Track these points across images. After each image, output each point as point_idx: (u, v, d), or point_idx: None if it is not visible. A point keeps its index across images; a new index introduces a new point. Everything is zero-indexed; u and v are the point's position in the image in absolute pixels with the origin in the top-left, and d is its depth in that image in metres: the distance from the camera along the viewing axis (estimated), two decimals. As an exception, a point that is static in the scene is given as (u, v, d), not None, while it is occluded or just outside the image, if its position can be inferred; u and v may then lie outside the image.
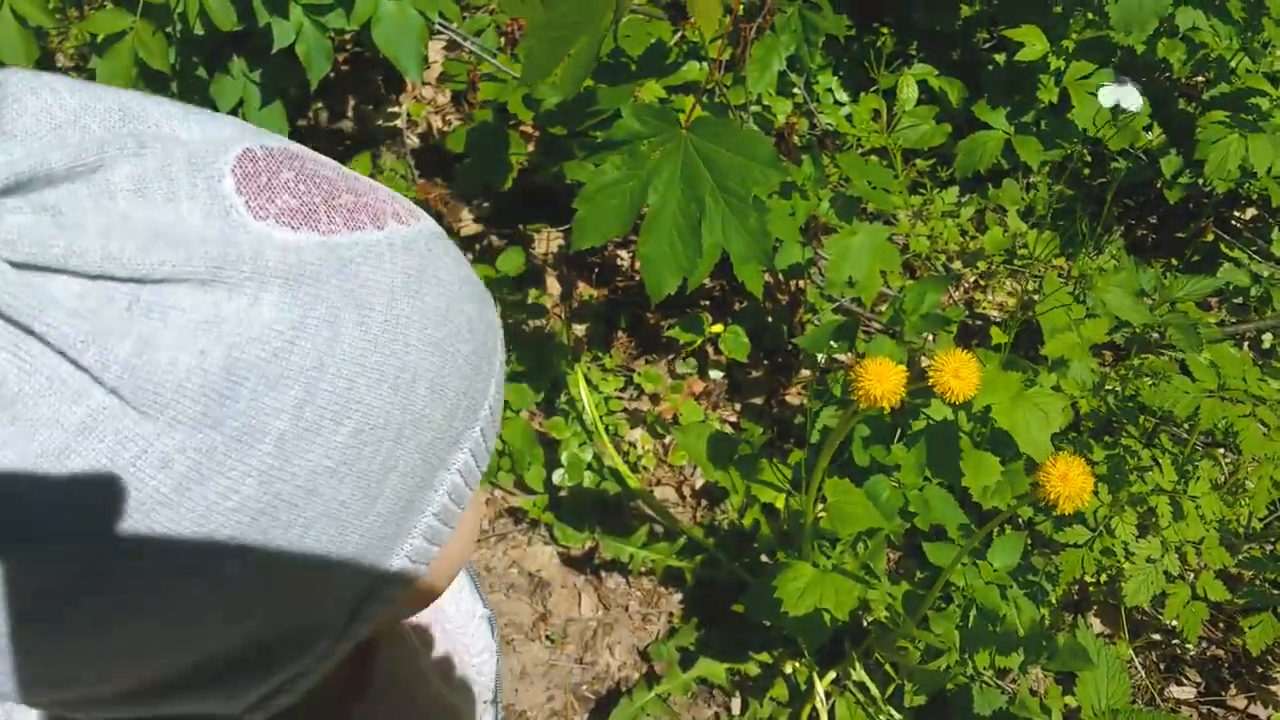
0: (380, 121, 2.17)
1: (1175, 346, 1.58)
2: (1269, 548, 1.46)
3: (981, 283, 1.94)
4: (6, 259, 0.32)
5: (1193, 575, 1.40)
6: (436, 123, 2.15)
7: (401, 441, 0.41)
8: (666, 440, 1.74)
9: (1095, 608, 1.58)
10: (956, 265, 1.95)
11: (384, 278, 0.40)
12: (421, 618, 0.76)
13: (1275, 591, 1.41)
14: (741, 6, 1.55)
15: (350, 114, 2.19)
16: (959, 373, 1.02)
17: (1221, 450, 1.55)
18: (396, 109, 2.18)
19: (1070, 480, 0.96)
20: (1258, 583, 1.44)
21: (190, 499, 0.35)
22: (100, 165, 0.35)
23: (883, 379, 1.00)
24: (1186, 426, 1.48)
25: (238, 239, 0.35)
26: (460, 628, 0.84)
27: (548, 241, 1.90)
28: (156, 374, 0.33)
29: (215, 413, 0.34)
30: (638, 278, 1.92)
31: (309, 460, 0.37)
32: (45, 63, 1.99)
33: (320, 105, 2.18)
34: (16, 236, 0.32)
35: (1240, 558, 1.42)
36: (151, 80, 1.51)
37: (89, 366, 0.32)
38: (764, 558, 1.59)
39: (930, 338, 1.63)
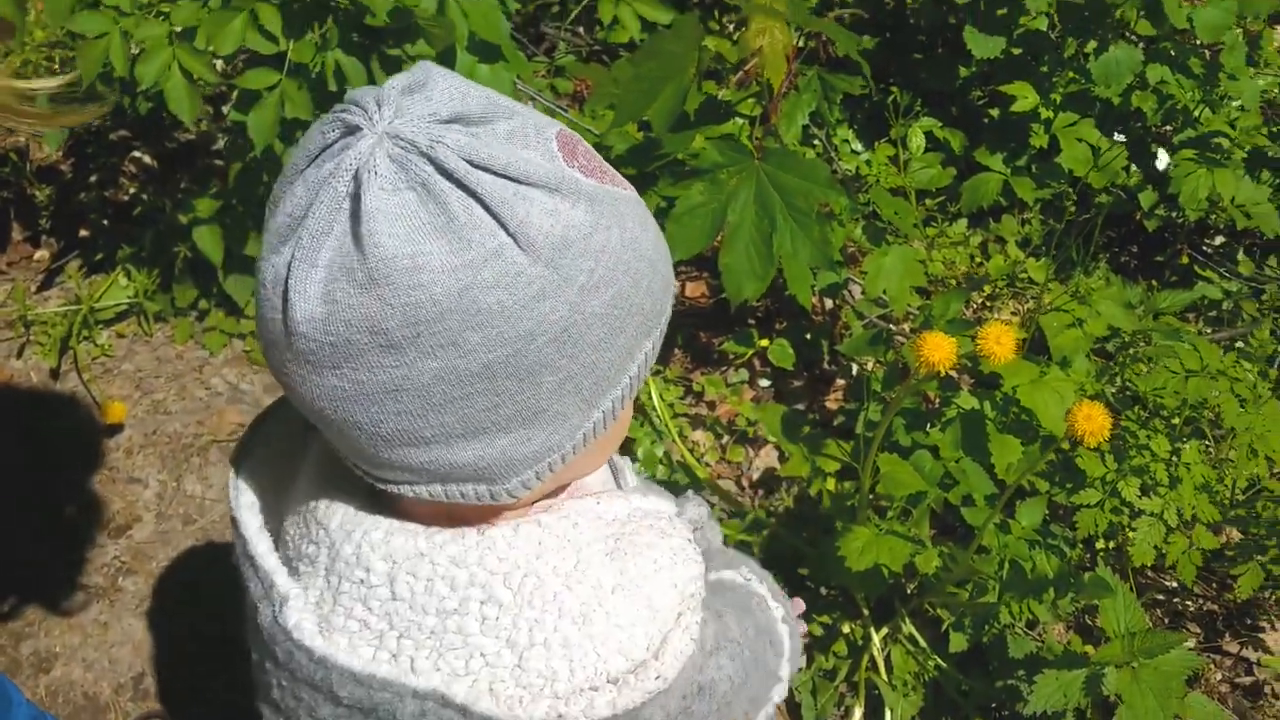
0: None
1: (1163, 351, 1.85)
2: (1251, 510, 1.71)
3: (988, 304, 2.20)
4: (460, 154, 0.59)
5: (1188, 530, 1.64)
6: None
7: (631, 311, 0.67)
8: (724, 440, 1.99)
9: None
10: (969, 292, 2.22)
11: (631, 212, 0.68)
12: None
13: (1259, 543, 1.67)
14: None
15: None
16: (1000, 339, 1.27)
17: (1205, 442, 1.81)
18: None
19: (1094, 419, 1.20)
20: (1244, 534, 1.70)
21: (537, 310, 0.62)
22: (489, 120, 0.63)
23: (939, 347, 1.26)
24: (1176, 415, 1.74)
25: (562, 172, 0.63)
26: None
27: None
28: (529, 229, 0.60)
29: (554, 260, 0.61)
30: (689, 302, 2.17)
31: (594, 303, 0.64)
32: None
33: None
34: (464, 143, 0.59)
35: (1229, 515, 1.67)
36: (288, 129, 1.76)
37: (502, 218, 0.59)
38: (819, 532, 1.82)
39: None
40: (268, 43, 1.66)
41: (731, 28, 2.52)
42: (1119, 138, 2.18)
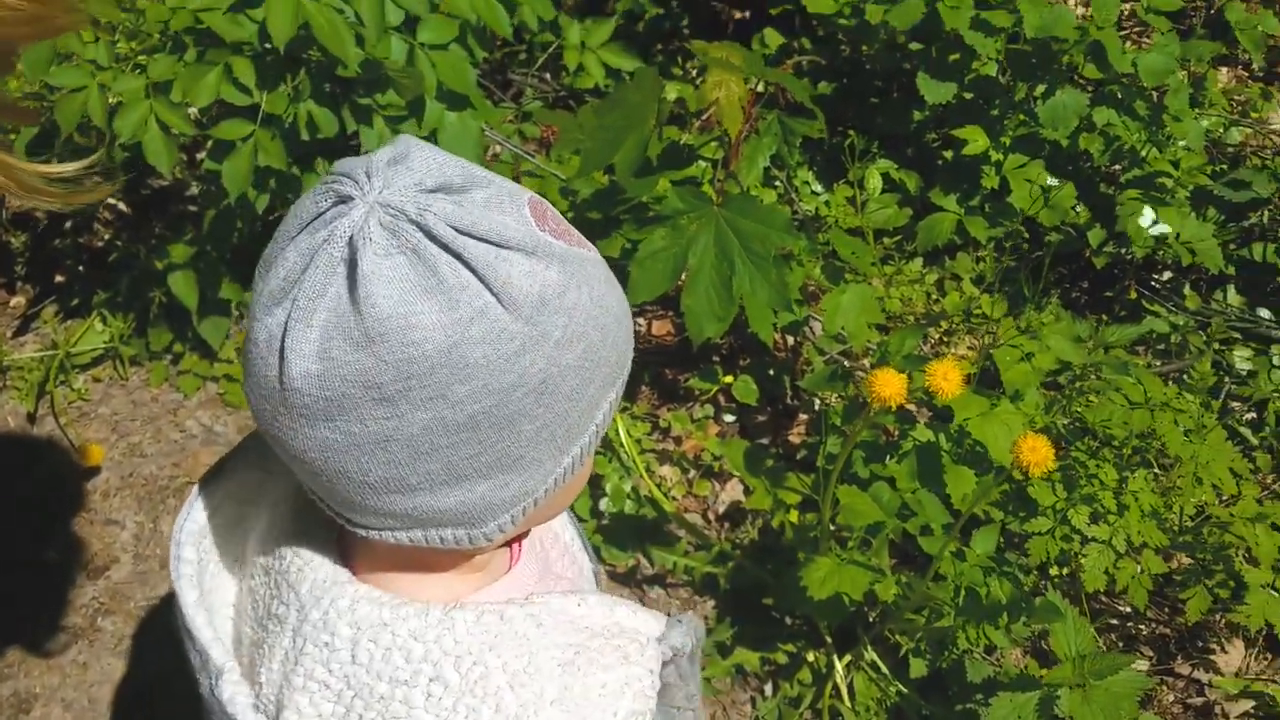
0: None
1: (1110, 384, 1.92)
2: (1199, 536, 1.78)
3: (945, 339, 2.27)
4: (445, 221, 0.64)
5: (1137, 556, 1.70)
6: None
7: (599, 363, 0.73)
8: (690, 475, 2.04)
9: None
10: (925, 328, 2.29)
11: (597, 272, 0.74)
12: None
13: (1206, 568, 1.73)
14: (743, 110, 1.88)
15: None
16: (947, 375, 1.33)
17: (1154, 471, 1.87)
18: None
19: (1038, 450, 1.27)
20: (1191, 559, 1.76)
21: (519, 364, 0.67)
22: (468, 188, 0.69)
23: (890, 383, 1.32)
24: (1124, 445, 1.81)
25: (536, 235, 0.68)
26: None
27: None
28: (511, 289, 0.66)
29: (533, 317, 0.67)
30: (655, 341, 2.23)
31: (567, 357, 0.70)
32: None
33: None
34: (449, 211, 0.65)
35: (1175, 541, 1.73)
36: (261, 177, 1.82)
37: (487, 280, 0.65)
38: (783, 564, 1.87)
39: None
40: (242, 95, 1.72)
41: (695, 73, 2.60)
42: (1052, 181, 2.26)
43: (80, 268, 2.26)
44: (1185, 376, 1.89)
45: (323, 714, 0.75)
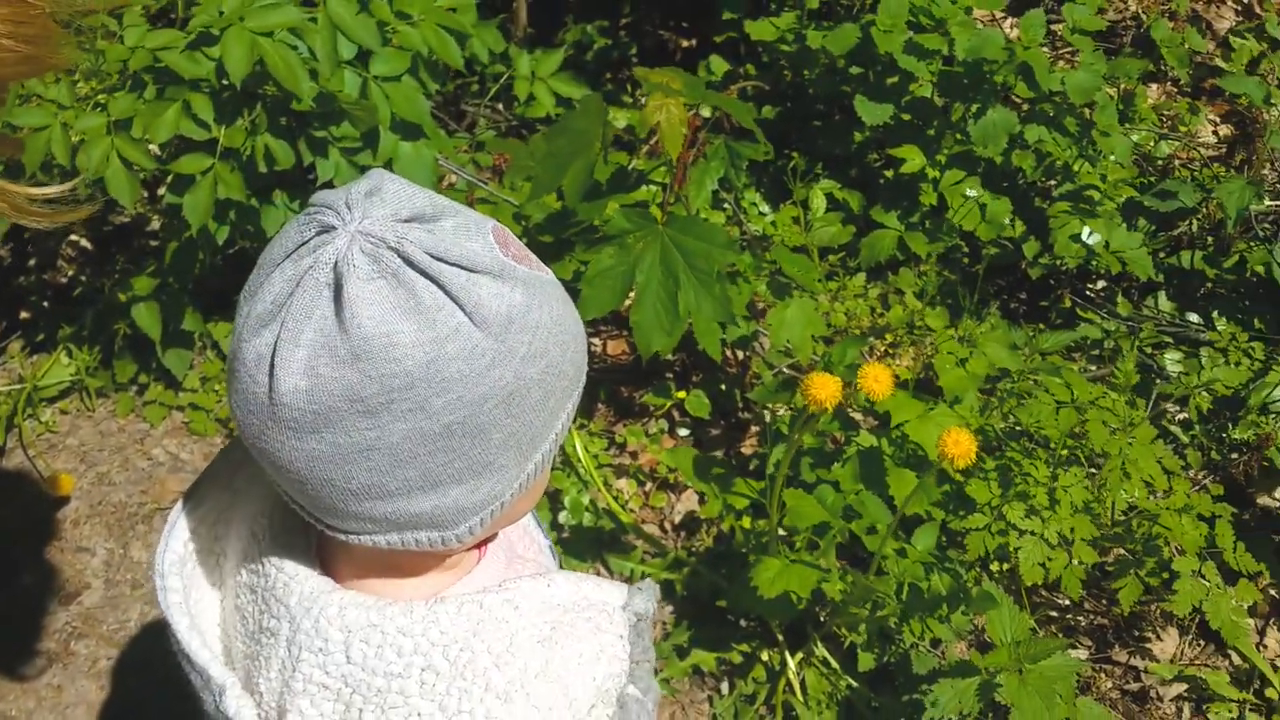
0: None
1: (1041, 386, 2.01)
2: (1128, 528, 1.86)
3: (890, 351, 2.36)
4: (421, 248, 0.71)
5: (1070, 547, 1.78)
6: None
7: (559, 376, 0.80)
8: (647, 487, 2.11)
9: (1002, 594, 1.96)
10: (870, 339, 2.37)
11: (555, 293, 0.81)
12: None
13: (1138, 559, 1.81)
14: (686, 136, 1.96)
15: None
16: (878, 378, 1.42)
17: (1090, 469, 1.96)
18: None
19: (961, 443, 1.35)
20: (1122, 551, 1.84)
21: (490, 378, 0.73)
22: (439, 218, 0.75)
23: (825, 386, 1.40)
24: (1056, 445, 1.89)
25: (501, 260, 0.75)
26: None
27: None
28: (482, 309, 0.72)
29: (502, 334, 0.74)
30: (610, 360, 2.30)
31: (532, 371, 0.76)
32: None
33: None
34: (424, 239, 0.71)
35: (1106, 534, 1.81)
36: (221, 209, 1.88)
37: (460, 300, 0.71)
38: (736, 567, 1.94)
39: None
40: (200, 129, 1.78)
41: (644, 100, 2.68)
42: (971, 193, 2.35)
43: (45, 303, 2.31)
44: (1112, 377, 1.98)
45: (324, 713, 0.81)
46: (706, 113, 2.20)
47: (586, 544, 1.99)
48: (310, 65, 1.78)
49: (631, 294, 1.75)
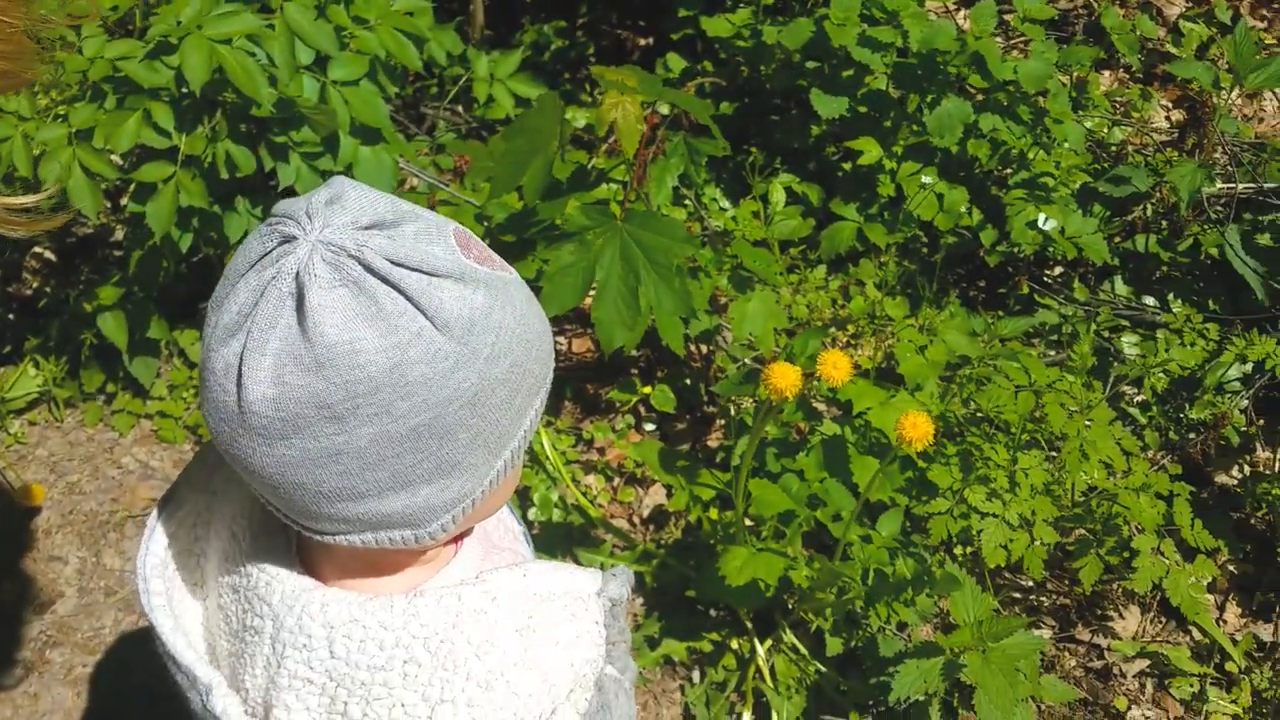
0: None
1: (1001, 371, 2.04)
2: (1088, 509, 1.90)
3: (852, 342, 2.39)
4: (381, 255, 0.72)
5: (1031, 528, 1.82)
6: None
7: (525, 374, 0.81)
8: (615, 482, 2.13)
9: (967, 577, 1.99)
10: (832, 330, 2.40)
11: (518, 292, 0.82)
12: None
13: (1098, 538, 1.85)
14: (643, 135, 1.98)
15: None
16: (837, 365, 1.44)
17: (1051, 452, 1.99)
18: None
19: (918, 426, 1.38)
20: (1083, 531, 1.88)
21: (454, 380, 0.75)
22: (400, 223, 0.76)
23: (785, 375, 1.42)
24: (1016, 429, 1.93)
25: (463, 263, 0.76)
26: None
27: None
28: (444, 313, 0.73)
29: (464, 337, 0.75)
30: (575, 358, 2.32)
31: (496, 371, 0.78)
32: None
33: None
34: (384, 245, 0.73)
35: (1066, 514, 1.85)
36: (184, 216, 1.89)
37: (421, 305, 0.73)
38: (704, 558, 1.97)
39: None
40: (161, 138, 1.79)
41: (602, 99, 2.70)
42: (927, 179, 2.39)
43: (10, 315, 2.31)
44: (1069, 361, 2.01)
45: (310, 707, 0.83)
46: (665, 110, 2.23)
47: (556, 540, 2.01)
48: (269, 71, 1.79)
49: (593, 290, 1.77)
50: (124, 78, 1.78)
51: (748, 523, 1.82)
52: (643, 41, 2.95)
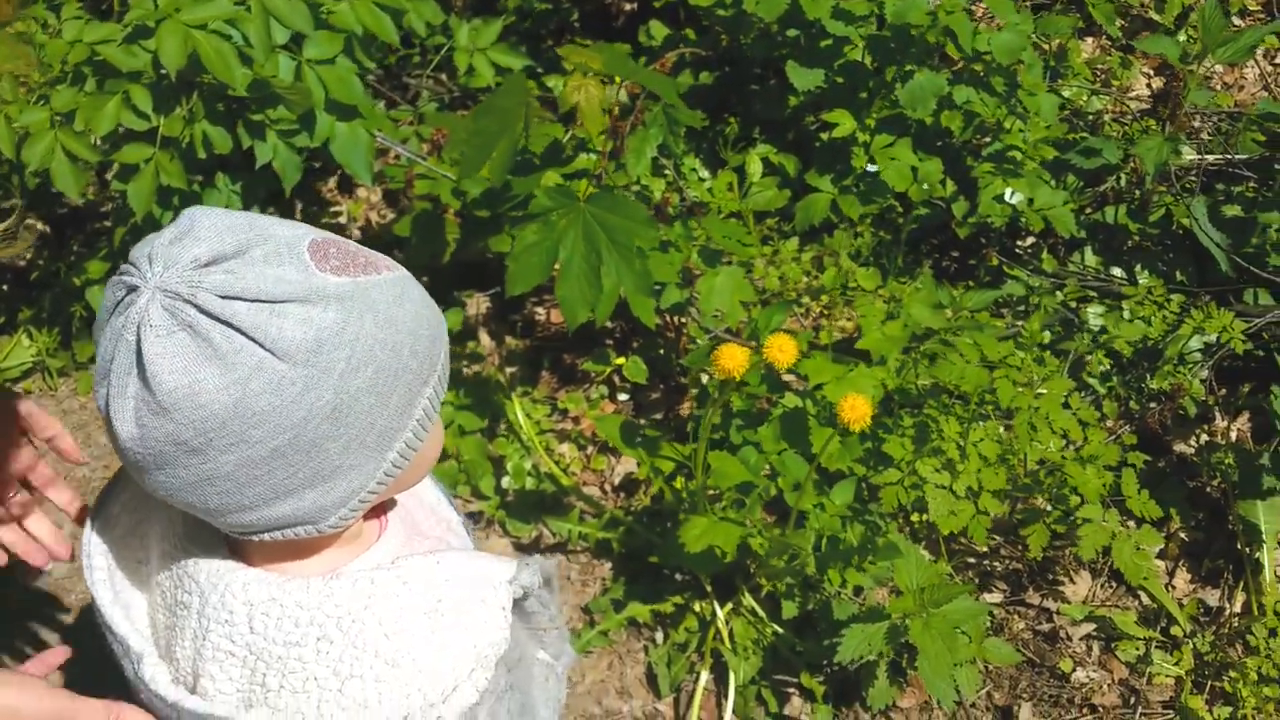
0: (325, 220, 2.62)
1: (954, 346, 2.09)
2: (1037, 479, 1.96)
3: (825, 312, 2.44)
4: (216, 293, 0.76)
5: (978, 499, 1.88)
6: (374, 217, 2.61)
7: (397, 374, 0.86)
8: (588, 451, 2.20)
9: (924, 543, 2.05)
10: (806, 300, 2.46)
11: (383, 296, 0.85)
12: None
13: (1044, 509, 1.92)
14: (617, 108, 2.02)
15: (299, 216, 2.63)
16: (782, 348, 1.50)
17: (1007, 423, 2.05)
18: (338, 208, 2.63)
19: (857, 408, 1.44)
20: (1036, 500, 1.95)
21: (305, 401, 0.80)
22: (245, 250, 0.80)
23: (733, 357, 1.48)
24: (972, 402, 1.98)
25: (312, 281, 0.80)
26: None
27: (479, 304, 2.37)
28: (283, 342, 0.77)
29: (310, 360, 0.79)
30: (554, 329, 2.39)
31: (356, 382, 0.82)
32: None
33: (272, 210, 2.62)
34: (220, 282, 0.77)
35: (1020, 485, 1.92)
36: (164, 195, 1.94)
37: (257, 339, 0.77)
38: (669, 525, 2.04)
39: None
40: (140, 120, 1.84)
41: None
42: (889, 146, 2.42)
43: (4, 286, 2.38)
44: (1021, 335, 2.06)
45: (232, 678, 0.91)
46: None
47: (529, 507, 2.09)
48: (245, 51, 1.84)
49: (557, 268, 1.82)
50: (103, 62, 1.83)
51: (710, 492, 1.89)
52: (628, 6, 2.98)
